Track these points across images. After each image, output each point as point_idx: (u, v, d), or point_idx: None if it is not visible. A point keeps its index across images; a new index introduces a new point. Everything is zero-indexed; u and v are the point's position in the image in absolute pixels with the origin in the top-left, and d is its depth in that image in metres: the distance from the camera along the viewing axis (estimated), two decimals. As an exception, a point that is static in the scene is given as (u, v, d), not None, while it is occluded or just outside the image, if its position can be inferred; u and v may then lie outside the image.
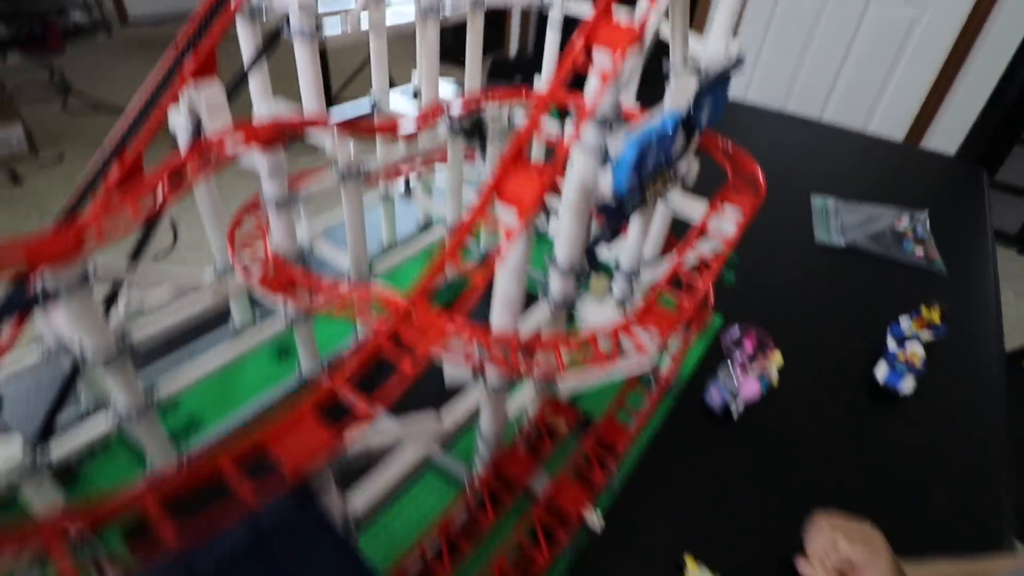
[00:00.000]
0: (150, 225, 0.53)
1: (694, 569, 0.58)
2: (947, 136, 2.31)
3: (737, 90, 2.65)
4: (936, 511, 0.69)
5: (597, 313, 0.55)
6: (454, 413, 0.52)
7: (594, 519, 0.55)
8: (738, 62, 0.50)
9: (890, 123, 2.39)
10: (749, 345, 0.76)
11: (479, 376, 0.54)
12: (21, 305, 0.42)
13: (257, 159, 0.52)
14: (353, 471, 0.42)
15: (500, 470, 0.57)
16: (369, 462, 0.44)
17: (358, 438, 0.39)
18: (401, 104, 0.82)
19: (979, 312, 1.01)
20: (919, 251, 1.13)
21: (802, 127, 1.67)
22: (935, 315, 0.90)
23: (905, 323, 0.89)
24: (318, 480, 0.33)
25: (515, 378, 0.53)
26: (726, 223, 0.57)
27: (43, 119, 2.78)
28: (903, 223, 1.20)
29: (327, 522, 0.32)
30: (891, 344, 0.86)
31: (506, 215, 0.39)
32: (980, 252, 1.18)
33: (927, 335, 0.88)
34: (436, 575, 0.49)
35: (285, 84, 0.75)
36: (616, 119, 0.39)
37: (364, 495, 0.47)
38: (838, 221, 1.22)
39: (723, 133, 0.69)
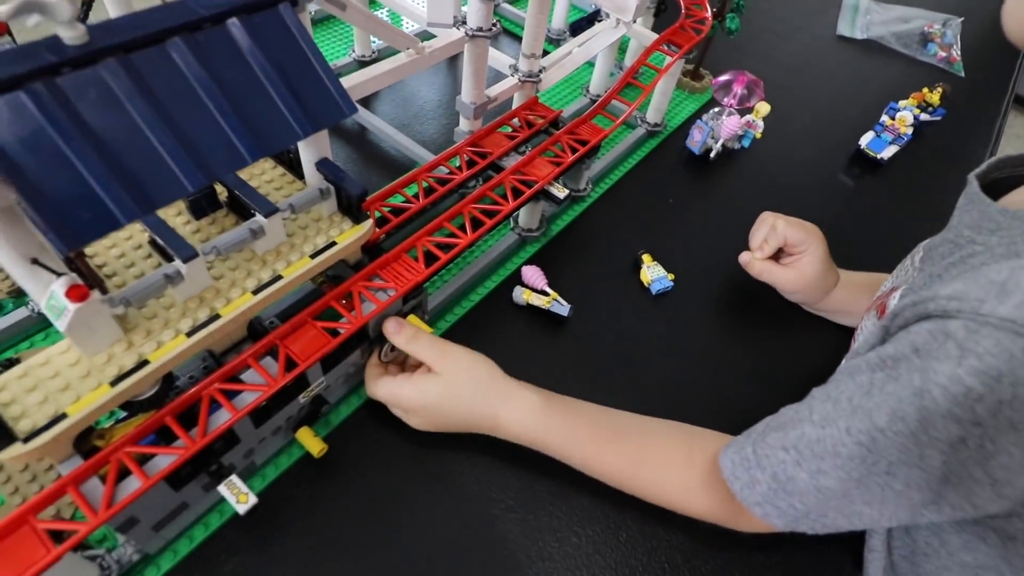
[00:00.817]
0: None
1: (650, 263, 0.64)
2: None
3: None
4: (894, 259, 0.73)
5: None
6: (433, 43, 0.54)
7: (559, 192, 0.60)
8: None
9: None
10: (738, 89, 0.76)
11: (459, 24, 0.55)
12: None
13: None
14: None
15: (477, 144, 0.61)
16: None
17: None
18: None
19: (981, 113, 1.00)
20: (941, 54, 1.08)
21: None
22: (935, 96, 0.89)
23: (903, 102, 0.88)
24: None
25: (492, 23, 0.54)
26: None
27: None
28: (935, 27, 1.14)
29: (306, 32, 0.35)
30: (884, 118, 0.86)
31: None
32: (1005, 67, 1.13)
33: (923, 115, 0.88)
34: (411, 208, 0.54)
35: None
36: None
37: (347, 81, 0.50)
38: (867, 18, 1.15)
39: None
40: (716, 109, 0.78)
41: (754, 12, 1.06)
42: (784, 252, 0.59)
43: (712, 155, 0.78)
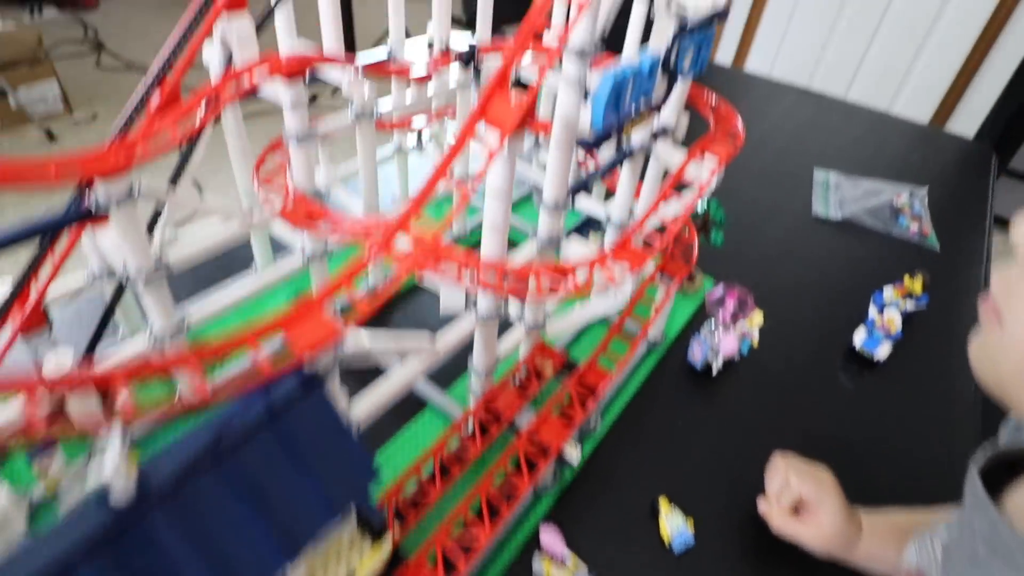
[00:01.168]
0: (187, 150, 0.58)
1: (667, 511, 0.63)
2: (972, 120, 2.29)
3: (762, 66, 2.61)
4: (904, 470, 0.73)
5: (581, 253, 0.60)
6: (446, 338, 0.57)
7: (573, 453, 0.61)
8: (723, 13, 0.52)
9: (916, 105, 2.37)
10: (731, 303, 0.80)
11: (471, 306, 0.59)
12: (77, 216, 0.48)
13: (280, 91, 0.57)
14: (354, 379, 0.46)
15: (490, 404, 0.63)
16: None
17: (359, 338, 0.44)
18: (415, 53, 0.85)
19: (964, 288, 1.04)
20: (914, 227, 1.16)
21: (816, 102, 1.67)
22: (917, 285, 0.93)
23: (888, 292, 0.93)
24: (325, 366, 0.39)
25: (503, 307, 0.58)
26: (705, 171, 0.61)
27: (77, 77, 2.83)
28: (902, 199, 1.22)
29: (332, 407, 0.38)
30: (872, 312, 0.90)
31: (490, 137, 0.44)
32: (976, 232, 1.20)
33: (908, 305, 0.92)
34: (428, 495, 0.55)
35: (309, 28, 0.79)
36: (592, 51, 0.44)
37: (365, 404, 0.53)
38: (838, 195, 1.24)
39: (736, 104, 0.71)
40: (712, 323, 0.81)
41: (730, 200, 1.14)
42: (800, 504, 0.59)
43: (714, 372, 0.80)
